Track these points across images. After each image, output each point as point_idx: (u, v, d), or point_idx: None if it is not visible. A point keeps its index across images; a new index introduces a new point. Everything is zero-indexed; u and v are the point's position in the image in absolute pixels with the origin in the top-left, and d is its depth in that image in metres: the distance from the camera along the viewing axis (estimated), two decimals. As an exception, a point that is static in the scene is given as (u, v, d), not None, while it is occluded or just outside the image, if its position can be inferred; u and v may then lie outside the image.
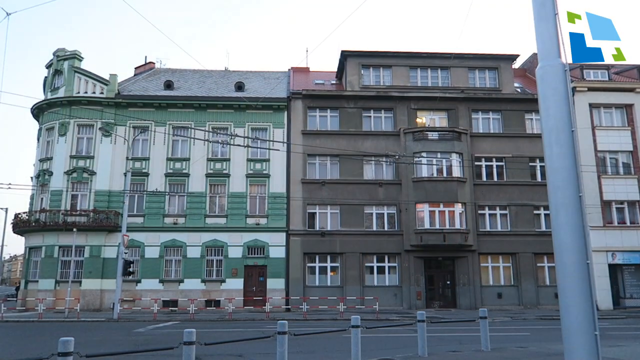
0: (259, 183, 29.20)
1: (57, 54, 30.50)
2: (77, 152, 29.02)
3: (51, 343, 13.20)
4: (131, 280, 26.54)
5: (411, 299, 27.59)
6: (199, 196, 28.65)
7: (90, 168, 28.66)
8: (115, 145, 28.90)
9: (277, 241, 28.27)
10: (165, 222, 28.40)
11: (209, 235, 28.27)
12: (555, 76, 5.57)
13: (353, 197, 28.39)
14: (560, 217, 5.22)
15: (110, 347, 12.54)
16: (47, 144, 29.81)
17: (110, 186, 28.34)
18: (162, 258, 28.01)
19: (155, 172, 28.89)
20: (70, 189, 28.44)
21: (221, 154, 29.62)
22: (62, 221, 27.19)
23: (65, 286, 25.67)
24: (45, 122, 30.13)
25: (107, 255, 27.57)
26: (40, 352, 11.50)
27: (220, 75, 34.52)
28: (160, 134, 29.03)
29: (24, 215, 28.69)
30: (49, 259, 27.55)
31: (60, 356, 6.13)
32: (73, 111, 29.00)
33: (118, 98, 29.35)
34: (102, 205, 27.99)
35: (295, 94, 30.05)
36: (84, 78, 29.68)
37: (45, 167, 29.26)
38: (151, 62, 36.49)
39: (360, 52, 31.16)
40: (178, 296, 26.82)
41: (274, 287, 27.56)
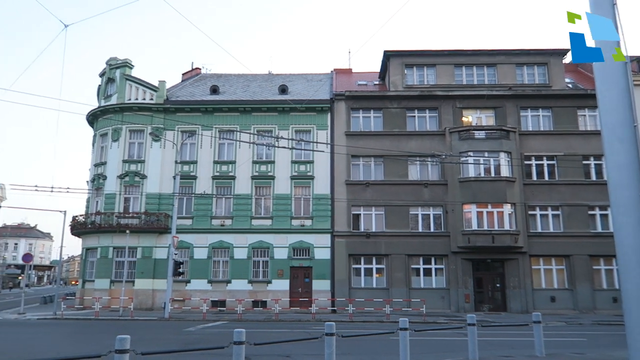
0: (304, 185, 29.39)
1: (110, 62, 31.82)
2: (129, 156, 30.14)
3: (108, 340, 13.76)
4: (181, 281, 27.28)
5: (459, 301, 26.99)
6: (244, 198, 29.14)
7: (142, 172, 29.70)
8: (164, 150, 29.82)
9: (322, 243, 28.35)
10: (212, 223, 29.04)
11: (255, 236, 28.70)
12: (615, 69, 5.31)
13: (398, 198, 28.09)
14: (622, 217, 4.97)
15: (163, 345, 12.92)
16: (102, 149, 31.13)
17: (160, 189, 29.25)
18: (210, 259, 28.66)
19: (202, 175, 29.61)
20: (123, 192, 29.56)
21: (266, 156, 30.01)
22: (115, 223, 28.31)
23: (119, 286, 26.71)
24: (100, 128, 31.48)
25: (158, 256, 28.47)
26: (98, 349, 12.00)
27: (264, 78, 35.01)
28: (207, 137, 29.75)
29: (80, 217, 30.06)
30: (104, 259, 28.73)
31: (117, 353, 6.39)
32: (125, 117, 30.14)
33: (167, 104, 30.28)
34: (153, 208, 28.94)
35: (338, 95, 30.06)
36: (135, 85, 30.82)
37: (100, 171, 30.56)
38: (197, 67, 37.46)
39: (403, 52, 30.82)
40: (226, 296, 27.35)
41: (319, 288, 27.63)
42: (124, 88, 30.74)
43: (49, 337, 15.88)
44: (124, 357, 6.35)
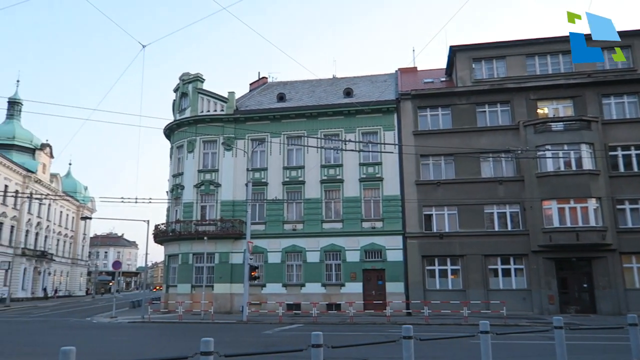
0: (373, 187, 29.25)
1: (182, 78, 33.46)
2: (204, 166, 31.48)
3: (192, 342, 14.42)
4: (257, 285, 28.04)
5: (542, 303, 25.62)
6: (314, 202, 29.48)
7: (216, 180, 30.91)
8: (236, 158, 30.87)
9: (394, 244, 28.05)
10: (285, 228, 29.64)
11: (327, 240, 28.92)
12: None
13: (471, 196, 27.19)
14: None
15: (243, 347, 13.34)
16: (178, 160, 32.77)
17: (234, 196, 30.28)
18: (284, 263, 29.24)
19: (273, 181, 30.32)
20: (200, 200, 30.92)
21: (334, 160, 30.20)
22: (194, 230, 29.66)
23: (199, 290, 27.93)
24: (176, 141, 33.16)
25: (234, 261, 29.47)
26: (184, 350, 12.60)
27: (328, 83, 35.29)
28: (276, 144, 30.45)
29: (162, 226, 31.78)
30: (184, 265, 30.17)
31: (202, 355, 6.68)
32: (198, 129, 31.55)
33: (236, 114, 31.34)
34: (227, 215, 30.01)
35: (404, 95, 29.67)
36: (206, 98, 32.17)
37: (178, 181, 32.18)
38: (264, 77, 38.46)
39: (470, 46, 29.87)
40: (300, 299, 27.77)
41: (393, 290, 27.33)
42: (197, 101, 32.18)
43: (140, 339, 16.90)
44: (209, 359, 6.64)
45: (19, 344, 14.95)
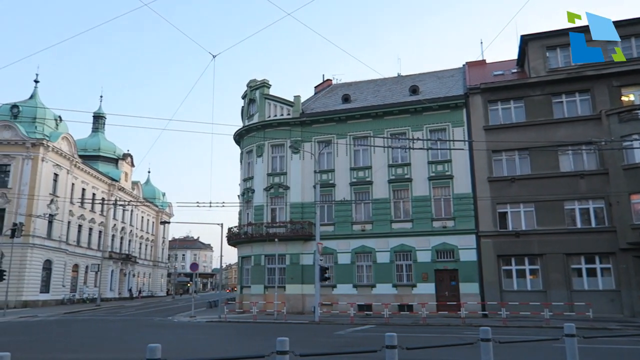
0: (442, 185, 28.54)
1: (250, 84, 34.42)
2: (273, 170, 32.18)
3: (267, 342, 14.75)
4: (328, 285, 28.22)
5: (633, 305, 23.75)
6: (383, 202, 29.23)
7: (285, 183, 31.49)
8: (303, 161, 31.29)
9: (466, 244, 27.19)
10: (353, 229, 29.62)
11: (396, 240, 28.57)
12: None
13: (549, 192, 25.76)
14: None
15: (317, 347, 13.46)
16: (248, 165, 33.74)
17: (303, 198, 30.69)
18: (354, 264, 29.22)
19: (340, 182, 30.41)
20: (270, 203, 31.64)
21: (401, 159, 29.79)
22: (265, 233, 30.38)
23: (272, 291, 28.56)
24: (245, 146, 34.17)
25: (304, 262, 29.85)
26: (260, 349, 12.92)
27: (393, 81, 34.89)
28: (343, 145, 30.53)
29: (235, 229, 32.84)
30: (257, 266, 30.97)
31: (278, 354, 6.81)
32: (266, 134, 32.30)
33: (303, 117, 31.76)
34: (297, 217, 30.48)
35: (472, 89, 28.70)
36: (273, 103, 32.88)
37: (248, 185, 33.12)
38: (328, 79, 38.71)
39: (543, 34, 28.34)
40: (371, 300, 27.62)
41: (467, 291, 26.49)
42: (264, 107, 32.97)
43: (218, 337, 17.56)
44: (285, 358, 6.76)
45: (110, 340, 16.02)
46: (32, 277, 39.64)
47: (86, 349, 13.67)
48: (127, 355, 12.10)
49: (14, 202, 39.62)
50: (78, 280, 48.96)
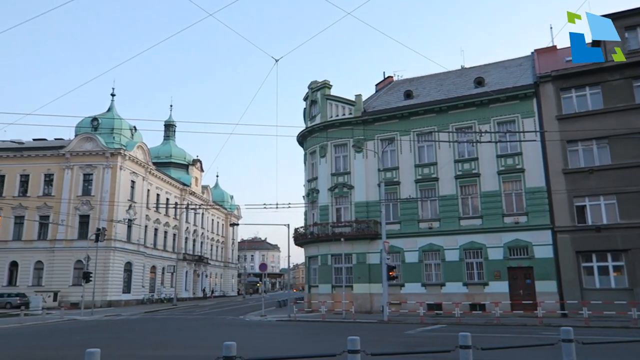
0: (513, 179, 27.37)
1: (311, 86, 34.74)
2: (336, 169, 32.29)
3: (337, 340, 14.81)
4: (395, 284, 27.90)
5: None
6: (450, 199, 28.50)
7: (349, 183, 31.50)
8: (367, 160, 31.15)
9: (541, 240, 25.90)
10: (420, 227, 29.10)
11: (465, 237, 27.75)
12: None
13: (633, 183, 23.97)
14: None
15: (387, 347, 13.35)
16: (312, 166, 34.08)
17: (367, 197, 30.56)
18: (422, 262, 28.70)
19: (405, 179, 29.98)
20: (334, 203, 31.77)
21: (468, 154, 28.89)
22: (330, 232, 30.54)
23: (339, 290, 28.66)
24: (308, 147, 34.53)
25: (371, 261, 29.70)
26: (330, 348, 12.99)
27: (457, 75, 33.92)
28: (406, 142, 30.08)
29: (301, 229, 33.27)
30: (324, 266, 31.19)
31: (350, 353, 6.82)
32: (329, 134, 32.47)
33: (364, 115, 31.62)
34: (362, 216, 30.39)
35: (543, 77, 27.29)
36: (334, 103, 32.99)
37: (313, 186, 33.45)
38: (389, 76, 38.30)
39: (621, 13, 26.35)
40: (441, 299, 27.00)
41: (543, 290, 25.23)
42: (325, 107, 33.16)
43: (289, 336, 17.87)
44: (356, 357, 6.75)
45: (187, 338, 16.75)
46: (114, 278, 42.29)
47: (166, 346, 14.38)
48: (204, 353, 12.59)
49: (97, 208, 42.45)
50: (156, 281, 51.64)
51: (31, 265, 42.52)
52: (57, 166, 44.02)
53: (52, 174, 44.17)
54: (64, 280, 41.43)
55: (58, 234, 42.30)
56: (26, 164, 44.37)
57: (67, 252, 41.97)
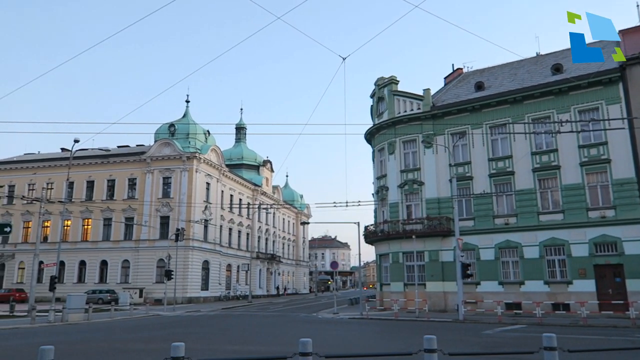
0: (598, 170, 25.62)
1: (378, 83, 34.46)
2: (405, 166, 31.81)
3: (411, 339, 14.61)
4: (471, 283, 27.03)
5: None
6: (527, 193, 27.18)
7: (419, 179, 30.93)
8: (437, 155, 30.43)
9: (632, 235, 24.02)
10: (495, 223, 28.01)
11: (545, 233, 26.34)
12: None
13: None
14: None
15: (464, 346, 12.96)
16: (381, 163, 33.80)
17: (439, 193, 29.85)
18: (498, 260, 27.60)
19: (478, 174, 28.97)
20: (405, 200, 31.32)
21: (546, 145, 27.40)
22: (401, 230, 30.14)
23: (412, 288, 28.22)
24: (377, 144, 34.28)
25: (444, 259, 28.98)
26: (404, 347, 12.83)
27: (531, 62, 32.25)
28: (478, 136, 29.05)
29: (371, 227, 33.12)
30: (395, 264, 30.85)
31: (426, 352, 6.69)
32: (397, 130, 32.05)
33: (434, 110, 30.90)
34: (433, 212, 29.72)
35: (631, 59, 25.26)
36: (402, 99, 32.51)
37: (382, 183, 33.17)
38: (459, 68, 37.14)
39: None
40: (520, 298, 25.83)
41: (636, 289, 23.40)
42: (393, 103, 32.76)
43: (362, 334, 17.85)
44: (433, 357, 6.60)
45: (263, 334, 17.22)
46: (193, 276, 44.34)
47: (244, 341, 14.85)
48: (280, 348, 12.87)
49: (176, 209, 44.71)
50: (231, 279, 53.55)
51: (119, 264, 45.60)
52: (140, 171, 46.85)
53: (135, 178, 47.09)
54: (148, 277, 44.03)
55: (142, 234, 45.04)
56: (112, 169, 47.62)
57: (150, 252, 44.57)
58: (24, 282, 45.83)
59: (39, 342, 14.37)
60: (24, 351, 12.23)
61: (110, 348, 13.28)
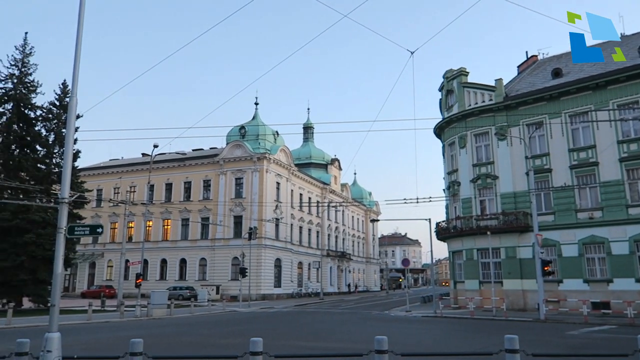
0: (696, 158, 23.36)
1: (446, 75, 33.55)
2: (478, 160, 30.73)
3: (489, 339, 14.11)
4: (552, 281, 25.65)
5: None
6: (614, 185, 25.34)
7: (492, 173, 29.77)
8: (512, 147, 29.13)
9: None
10: (579, 217, 26.37)
11: (636, 228, 24.43)
12: None
13: None
14: None
15: (547, 347, 12.34)
16: (451, 157, 32.90)
17: (514, 187, 28.58)
18: (582, 256, 25.97)
19: (558, 166, 27.40)
20: (478, 195, 30.28)
21: (634, 132, 25.43)
22: (475, 226, 29.17)
23: (488, 286, 27.21)
24: (447, 138, 33.40)
25: (522, 255, 27.70)
26: (483, 346, 12.43)
27: (616, 44, 29.94)
28: (557, 125, 27.49)
29: (443, 223, 32.34)
30: (469, 261, 29.90)
31: (508, 352, 6.44)
32: (468, 123, 31.03)
33: (507, 100, 29.60)
34: (509, 207, 28.49)
35: None
36: (472, 90, 31.42)
37: (453, 178, 32.27)
38: (533, 55, 35.34)
39: None
40: (608, 297, 24.13)
41: None
42: (463, 96, 31.75)
43: (437, 332, 17.48)
44: (515, 357, 6.34)
45: (337, 331, 17.34)
46: (266, 273, 45.52)
47: (318, 338, 15.04)
48: (353, 345, 12.90)
49: (248, 209, 46.11)
50: (303, 276, 54.40)
51: (196, 262, 47.78)
52: (213, 172, 48.79)
53: (209, 179, 49.10)
54: (224, 275, 45.76)
55: (217, 233, 46.89)
56: (188, 172, 49.95)
57: (225, 250, 46.29)
58: (112, 279, 49.26)
59: (128, 335, 15.38)
60: (117, 343, 13.13)
61: (193, 342, 13.94)
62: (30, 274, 27.01)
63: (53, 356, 6.95)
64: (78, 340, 13.99)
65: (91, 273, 52.99)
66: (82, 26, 8.56)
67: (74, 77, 8.46)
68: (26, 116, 30.08)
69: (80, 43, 8.45)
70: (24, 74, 30.10)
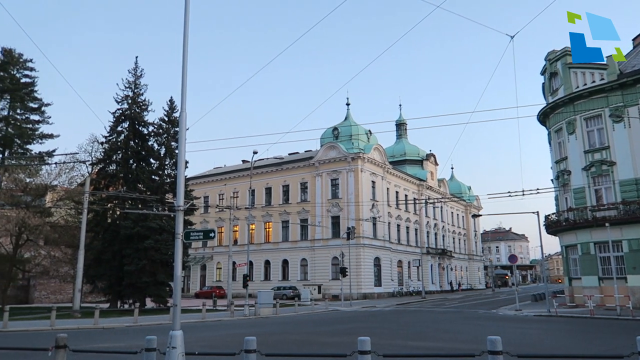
0: None
1: (549, 57, 31.27)
2: (590, 146, 28.29)
3: (613, 340, 12.92)
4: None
5: None
6: None
7: (608, 159, 27.23)
8: (630, 129, 26.44)
9: None
10: None
11: None
12: None
13: None
14: None
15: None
16: (559, 145, 30.60)
17: (635, 173, 25.92)
18: None
19: (687, 147, 24.39)
20: (591, 184, 27.86)
21: None
22: (590, 217, 26.86)
23: (609, 282, 24.91)
24: (552, 125, 31.13)
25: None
26: (608, 348, 11.45)
27: None
28: (684, 101, 24.46)
29: (552, 216, 30.18)
30: (586, 255, 27.60)
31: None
32: (576, 107, 28.69)
33: (622, 78, 26.89)
34: (630, 195, 25.88)
35: None
36: (580, 71, 28.97)
37: (562, 167, 30.00)
38: (649, 25, 31.76)
39: None
40: None
41: None
42: (569, 77, 29.41)
43: (553, 332, 16.34)
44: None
45: (440, 330, 16.90)
46: (366, 272, 45.59)
47: (422, 337, 14.75)
48: (460, 346, 12.48)
49: (345, 209, 46.55)
50: (403, 275, 53.74)
51: (298, 262, 49.16)
52: (309, 175, 49.93)
53: (306, 182, 50.32)
54: (324, 274, 46.58)
55: (316, 234, 47.90)
56: (286, 175, 51.60)
57: (324, 250, 47.12)
58: (221, 280, 52.29)
59: (240, 332, 16.23)
60: (231, 340, 13.91)
61: (300, 340, 14.35)
62: (151, 276, 29.52)
63: (177, 352, 7.52)
64: (196, 337, 15.02)
65: (202, 275, 56.71)
66: (187, 48, 9.18)
67: (183, 93, 9.10)
68: (140, 132, 33.00)
69: (186, 65, 9.06)
70: (137, 95, 33.05)
